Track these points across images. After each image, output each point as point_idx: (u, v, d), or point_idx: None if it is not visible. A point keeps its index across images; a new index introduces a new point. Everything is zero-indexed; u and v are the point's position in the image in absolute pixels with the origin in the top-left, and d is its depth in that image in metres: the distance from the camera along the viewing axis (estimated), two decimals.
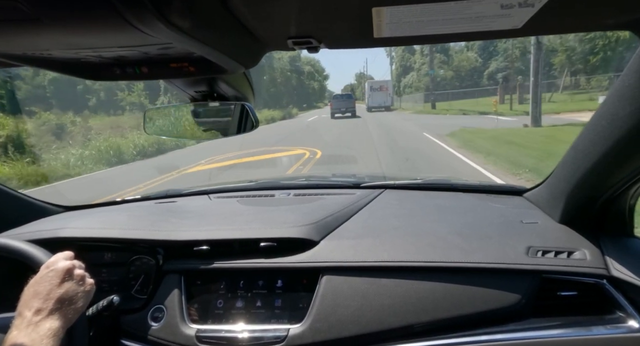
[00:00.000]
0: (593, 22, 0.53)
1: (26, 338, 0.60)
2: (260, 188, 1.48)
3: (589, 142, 0.78)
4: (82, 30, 0.39)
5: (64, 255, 0.76)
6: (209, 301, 0.90)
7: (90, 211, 1.34)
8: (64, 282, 0.70)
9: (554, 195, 1.00)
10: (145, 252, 1.00)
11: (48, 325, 0.63)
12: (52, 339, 0.62)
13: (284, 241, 0.93)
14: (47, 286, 0.69)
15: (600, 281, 0.81)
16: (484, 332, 0.79)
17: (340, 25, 0.50)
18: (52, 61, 0.52)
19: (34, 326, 0.62)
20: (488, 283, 0.82)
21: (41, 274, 0.71)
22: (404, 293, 0.82)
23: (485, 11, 0.45)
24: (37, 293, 0.67)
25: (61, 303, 0.68)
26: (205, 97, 0.76)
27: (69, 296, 0.70)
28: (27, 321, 0.63)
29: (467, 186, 1.40)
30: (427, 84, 36.54)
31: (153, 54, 0.50)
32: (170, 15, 0.36)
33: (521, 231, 0.96)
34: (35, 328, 0.62)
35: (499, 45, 35.80)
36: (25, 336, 0.61)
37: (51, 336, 0.62)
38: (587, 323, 0.78)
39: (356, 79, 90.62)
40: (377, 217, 1.08)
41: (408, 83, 44.74)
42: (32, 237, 0.99)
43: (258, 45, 0.57)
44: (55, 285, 0.69)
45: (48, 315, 0.65)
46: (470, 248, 0.88)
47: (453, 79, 39.29)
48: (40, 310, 0.65)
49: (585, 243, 0.89)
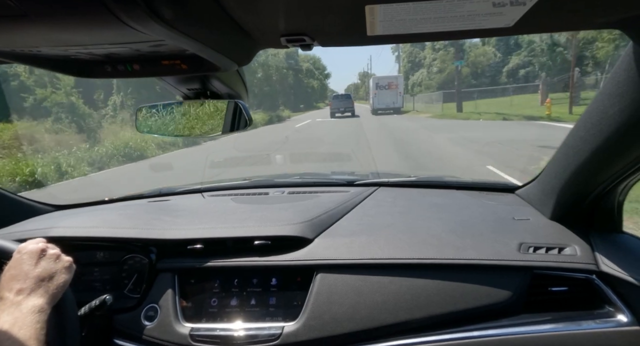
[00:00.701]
0: (584, 21, 0.54)
1: (9, 317, 0.60)
2: (254, 186, 1.48)
3: (580, 139, 0.79)
4: (72, 26, 0.38)
5: (34, 240, 0.76)
6: (203, 299, 0.90)
7: (82, 210, 1.33)
8: (40, 261, 0.71)
9: (545, 192, 1.01)
10: (138, 250, 0.99)
11: (31, 303, 0.64)
12: (37, 315, 0.62)
13: (278, 239, 0.93)
14: (24, 268, 0.69)
15: (590, 276, 0.83)
16: (477, 328, 0.80)
17: (333, 23, 0.50)
18: (42, 58, 0.51)
19: (16, 306, 0.62)
20: (481, 280, 0.83)
21: (14, 258, 0.71)
22: (397, 290, 0.83)
23: (477, 9, 0.45)
24: (14, 276, 0.67)
25: (41, 281, 0.68)
26: (198, 95, 0.75)
27: (47, 273, 0.70)
28: (9, 302, 0.63)
29: (460, 183, 1.42)
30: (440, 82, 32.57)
31: (145, 51, 0.49)
32: (161, 12, 0.36)
33: (513, 228, 0.97)
34: (18, 307, 0.62)
35: (522, 38, 30.84)
36: (9, 315, 0.60)
37: (36, 312, 0.62)
38: (577, 318, 0.80)
39: (359, 78, 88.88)
40: (371, 215, 1.09)
41: (417, 81, 40.52)
42: (22, 236, 0.98)
43: (251, 42, 0.56)
44: (31, 265, 0.69)
45: (30, 293, 0.65)
46: (463, 245, 0.89)
47: (469, 76, 34.35)
48: (21, 289, 0.65)
49: (576, 239, 0.90)
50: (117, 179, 6.86)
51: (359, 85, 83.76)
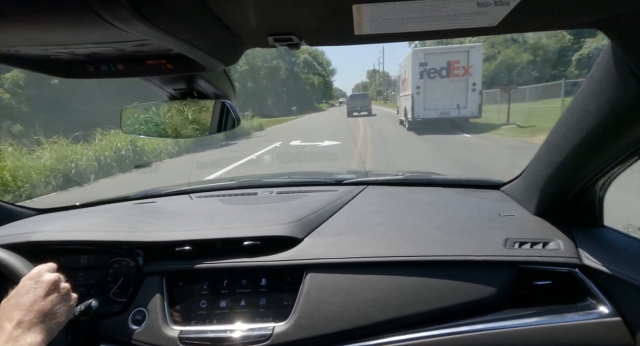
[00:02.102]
0: (565, 21, 0.55)
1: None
2: (243, 187, 1.47)
3: (561, 137, 0.81)
4: (52, 26, 0.37)
5: (48, 266, 0.74)
6: (191, 302, 0.89)
7: (65, 213, 1.29)
8: (49, 295, 0.68)
9: (529, 189, 1.04)
10: (124, 254, 0.97)
11: (29, 340, 0.61)
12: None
13: (267, 239, 0.93)
14: (31, 298, 0.66)
15: (572, 270, 0.85)
16: (465, 323, 0.81)
17: (320, 22, 0.50)
18: (21, 58, 0.50)
19: (14, 341, 0.60)
20: (468, 276, 0.84)
21: (24, 285, 0.68)
22: (386, 287, 0.84)
23: (462, 9, 0.46)
24: (19, 305, 0.65)
25: (44, 316, 0.65)
26: (184, 95, 0.74)
27: (52, 310, 0.67)
28: (7, 334, 0.60)
29: (447, 181, 1.43)
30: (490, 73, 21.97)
31: (128, 50, 0.48)
32: (145, 11, 0.35)
33: (499, 224, 0.99)
34: (15, 343, 0.60)
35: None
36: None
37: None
38: (560, 311, 0.82)
39: (368, 76, 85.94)
40: (360, 213, 1.09)
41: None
42: (3, 241, 0.95)
43: (237, 41, 0.56)
44: (40, 297, 0.67)
45: (29, 328, 0.62)
46: (450, 242, 0.90)
47: (529, 65, 25.04)
48: (21, 322, 0.62)
49: (559, 234, 0.92)
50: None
51: (368, 84, 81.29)
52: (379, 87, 65.03)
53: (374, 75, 76.36)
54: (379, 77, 66.21)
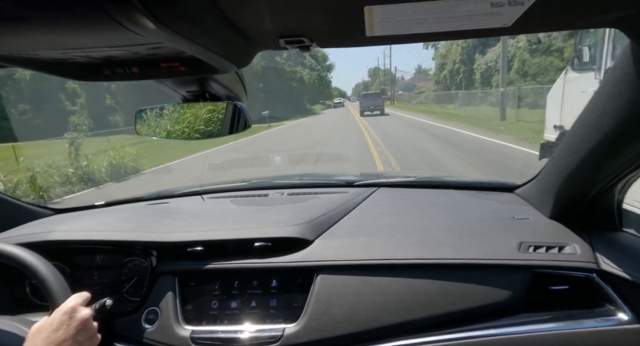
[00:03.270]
0: (582, 20, 0.54)
1: None
2: (254, 188, 1.48)
3: (578, 139, 0.79)
4: (69, 30, 0.38)
5: (82, 299, 0.75)
6: (203, 302, 0.90)
7: (81, 213, 1.32)
8: (78, 333, 0.70)
9: (544, 191, 1.02)
10: (138, 253, 0.99)
11: None
12: None
13: (278, 241, 0.93)
14: (61, 336, 0.68)
15: (590, 275, 0.83)
16: (477, 328, 0.80)
17: (332, 24, 0.50)
18: (40, 61, 0.51)
19: None
20: (480, 279, 0.83)
21: (57, 319, 0.70)
22: (397, 290, 0.83)
23: (476, 9, 0.45)
24: (49, 341, 0.66)
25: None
26: (197, 97, 0.75)
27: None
28: None
29: (459, 183, 1.42)
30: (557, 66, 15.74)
31: (143, 53, 0.49)
32: (159, 15, 0.36)
33: (513, 227, 0.97)
34: None
35: None
36: None
37: None
38: (578, 317, 0.80)
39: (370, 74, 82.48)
40: (371, 215, 1.09)
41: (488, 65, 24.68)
42: (21, 240, 0.98)
43: (249, 44, 0.56)
44: (70, 336, 0.68)
45: None
46: (462, 245, 0.89)
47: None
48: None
49: (575, 238, 0.90)
50: None
51: (369, 83, 78.27)
52: (382, 85, 60.18)
53: (376, 73, 71.74)
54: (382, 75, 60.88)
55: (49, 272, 0.78)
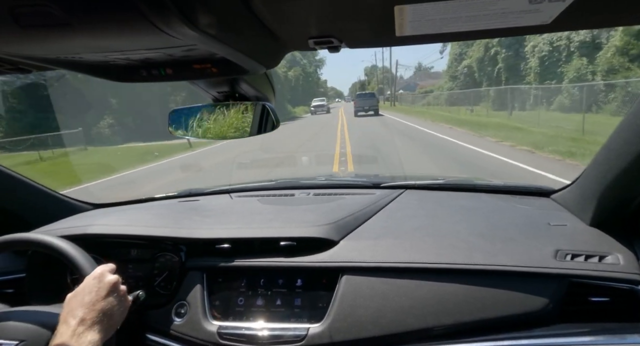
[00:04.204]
0: (628, 16, 0.51)
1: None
2: (281, 188, 1.49)
3: (623, 141, 0.74)
4: (110, 34, 0.40)
5: (109, 267, 0.80)
6: (230, 298, 0.92)
7: (117, 209, 1.39)
8: (109, 296, 0.74)
9: (584, 197, 0.96)
10: (169, 249, 1.02)
11: (90, 337, 0.66)
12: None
13: (303, 240, 0.93)
14: (94, 297, 0.72)
15: (635, 287, 0.77)
16: (508, 337, 0.76)
17: (361, 24, 0.49)
18: (83, 64, 0.54)
19: (77, 337, 0.65)
20: (513, 287, 0.80)
21: (88, 284, 0.74)
22: (424, 295, 0.81)
23: (512, 7, 0.44)
24: (83, 303, 0.70)
25: (104, 316, 0.71)
26: (227, 98, 0.77)
27: (111, 310, 0.73)
28: (71, 330, 0.66)
29: (491, 187, 1.37)
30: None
31: (177, 55, 0.51)
32: (193, 18, 0.37)
33: (548, 233, 0.92)
34: (78, 339, 0.65)
35: None
36: (67, 344, 0.63)
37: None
38: (620, 331, 0.75)
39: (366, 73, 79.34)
40: (398, 218, 1.07)
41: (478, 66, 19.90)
42: (64, 233, 1.04)
43: (279, 45, 0.57)
44: (101, 297, 0.73)
45: (91, 326, 0.68)
46: (494, 251, 0.86)
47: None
48: (84, 320, 0.68)
49: (618, 247, 0.85)
50: None
51: (366, 82, 73.59)
52: (380, 84, 53.43)
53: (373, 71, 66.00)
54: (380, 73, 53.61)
55: (72, 248, 0.84)
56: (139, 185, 7.02)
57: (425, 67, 64.58)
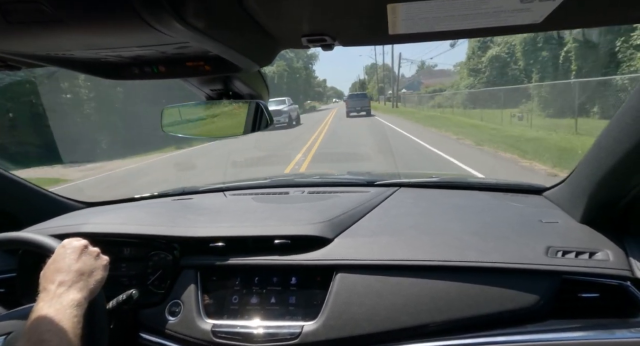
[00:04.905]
0: (618, 15, 0.51)
1: (51, 309, 0.63)
2: (275, 186, 1.49)
3: (613, 140, 0.75)
4: (102, 31, 0.40)
5: (76, 238, 0.80)
6: (224, 296, 0.91)
7: (111, 207, 1.38)
8: (81, 256, 0.74)
9: (575, 194, 0.97)
10: (162, 247, 1.02)
11: (71, 296, 0.67)
12: (76, 309, 0.65)
13: (298, 238, 0.93)
14: (67, 262, 0.72)
15: (624, 283, 0.79)
16: (501, 333, 0.77)
17: (355, 22, 0.50)
18: (74, 61, 0.54)
19: (57, 298, 0.65)
20: (505, 284, 0.80)
21: (58, 253, 0.75)
22: (418, 292, 0.82)
23: (504, 6, 0.44)
24: (57, 269, 0.71)
25: (81, 275, 0.71)
26: (220, 96, 0.77)
27: (88, 268, 0.73)
28: (51, 293, 0.66)
29: (484, 184, 1.38)
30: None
31: (170, 53, 0.51)
32: (186, 15, 0.37)
33: (540, 230, 0.94)
34: (59, 299, 0.65)
35: None
36: (50, 307, 0.64)
37: (74, 306, 0.65)
38: (610, 326, 0.76)
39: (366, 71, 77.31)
40: (392, 215, 1.08)
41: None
42: (57, 231, 1.03)
43: (272, 43, 0.57)
44: (74, 259, 0.73)
45: (70, 286, 0.68)
46: (487, 248, 0.87)
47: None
48: (63, 282, 0.68)
49: (608, 243, 0.86)
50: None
51: (366, 81, 71.77)
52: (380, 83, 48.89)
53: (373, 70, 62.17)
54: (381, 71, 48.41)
55: (32, 234, 0.84)
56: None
57: (429, 65, 60.31)
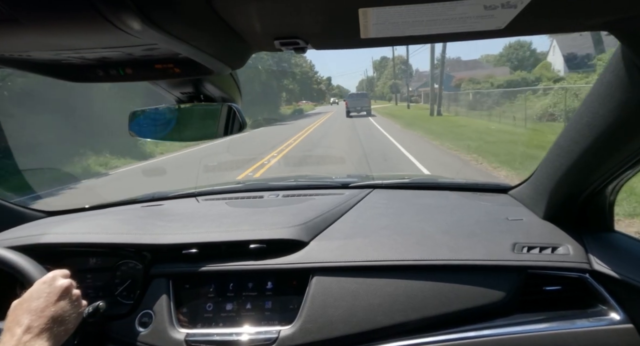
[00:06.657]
0: (574, 23, 0.55)
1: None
2: (249, 190, 1.47)
3: (571, 140, 0.80)
4: (62, 31, 0.38)
5: (62, 272, 0.74)
6: (198, 305, 0.89)
7: (74, 216, 1.31)
8: (60, 300, 0.68)
9: (537, 192, 1.02)
10: (131, 256, 0.98)
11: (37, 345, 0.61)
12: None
13: (273, 242, 0.93)
14: (42, 303, 0.66)
15: (583, 275, 0.83)
16: (472, 328, 0.80)
17: (326, 26, 0.50)
18: (32, 63, 0.51)
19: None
20: (475, 280, 0.83)
21: (37, 289, 0.68)
22: (393, 291, 0.83)
23: (469, 12, 0.46)
24: (29, 310, 0.65)
25: (53, 323, 0.65)
26: (191, 99, 0.75)
27: (62, 316, 0.67)
28: (16, 339, 0.60)
29: (454, 184, 1.42)
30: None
31: (137, 55, 0.49)
32: (153, 16, 0.35)
33: (507, 228, 0.98)
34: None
35: None
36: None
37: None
38: (571, 317, 0.80)
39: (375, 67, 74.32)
40: (366, 217, 1.09)
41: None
42: (13, 243, 0.96)
43: (244, 45, 0.56)
44: (51, 302, 0.67)
45: (38, 334, 0.62)
46: (457, 246, 0.89)
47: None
48: (31, 327, 0.62)
49: (568, 238, 0.91)
50: None
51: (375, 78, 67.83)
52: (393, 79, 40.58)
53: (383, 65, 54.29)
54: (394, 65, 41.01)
55: (18, 257, 0.79)
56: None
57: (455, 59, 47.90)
